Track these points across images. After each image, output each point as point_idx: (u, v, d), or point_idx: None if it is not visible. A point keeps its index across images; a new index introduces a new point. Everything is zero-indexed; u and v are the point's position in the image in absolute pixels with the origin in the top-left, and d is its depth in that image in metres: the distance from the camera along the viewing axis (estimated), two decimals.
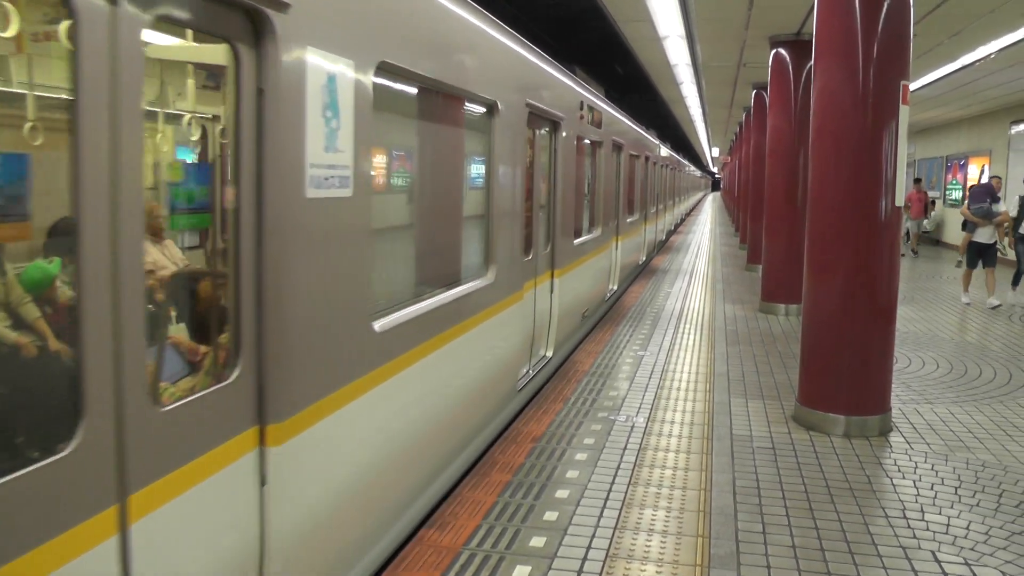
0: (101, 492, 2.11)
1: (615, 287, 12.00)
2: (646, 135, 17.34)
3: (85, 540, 2.09)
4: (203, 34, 2.64)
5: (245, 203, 2.70)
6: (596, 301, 10.23)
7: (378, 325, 3.60)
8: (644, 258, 16.72)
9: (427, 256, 5.09)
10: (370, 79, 3.40)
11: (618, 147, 12.02)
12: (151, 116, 2.50)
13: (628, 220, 13.44)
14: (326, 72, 3.01)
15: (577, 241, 8.65)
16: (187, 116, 2.88)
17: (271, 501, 2.83)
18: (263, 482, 2.81)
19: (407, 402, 4.01)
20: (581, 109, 8.54)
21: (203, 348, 2.87)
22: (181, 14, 2.44)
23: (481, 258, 5.49)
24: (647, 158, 16.75)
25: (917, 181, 21.30)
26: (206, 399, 2.56)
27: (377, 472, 3.71)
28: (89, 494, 2.08)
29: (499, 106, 5.41)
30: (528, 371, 6.72)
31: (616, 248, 12.01)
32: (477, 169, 5.58)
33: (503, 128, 5.54)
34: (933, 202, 21.86)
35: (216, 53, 2.66)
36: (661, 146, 21.62)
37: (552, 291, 7.48)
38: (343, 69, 3.16)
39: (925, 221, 20.77)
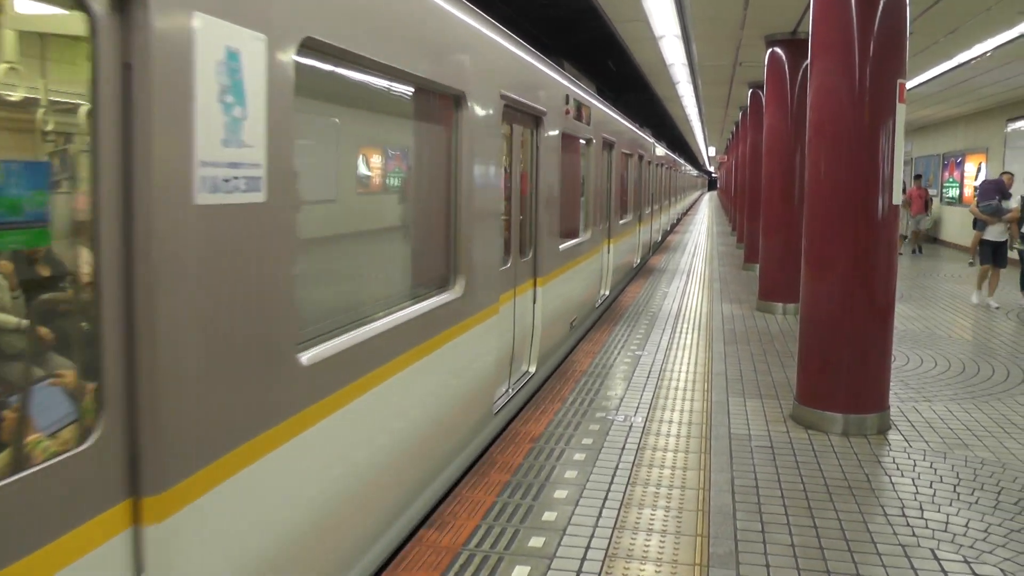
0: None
1: (607, 292, 11.40)
2: (640, 133, 16.67)
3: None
4: None
5: (105, 212, 2.13)
6: (586, 309, 9.60)
7: (306, 357, 2.98)
8: (638, 260, 16.08)
9: (377, 270, 4.43)
10: (291, 58, 2.82)
11: (609, 145, 11.31)
12: None
13: (621, 222, 12.75)
14: (224, 47, 2.46)
15: (563, 246, 8.02)
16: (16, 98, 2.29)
17: None
18: (139, 571, 2.23)
19: (349, 445, 3.40)
20: (567, 104, 7.92)
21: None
22: None
23: (446, 269, 4.85)
24: (641, 157, 15.99)
25: (918, 177, 21.08)
26: (50, 472, 1.97)
27: (306, 534, 3.07)
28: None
29: (467, 97, 4.77)
30: (507, 390, 6.12)
31: (608, 251, 11.38)
32: (440, 169, 4.89)
33: (472, 122, 4.89)
34: (931, 199, 21.72)
35: (66, 18, 2.18)
36: (656, 145, 20.70)
37: (535, 301, 6.86)
38: (251, 44, 2.60)
39: (926, 218, 20.46)
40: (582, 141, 9.34)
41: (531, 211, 6.88)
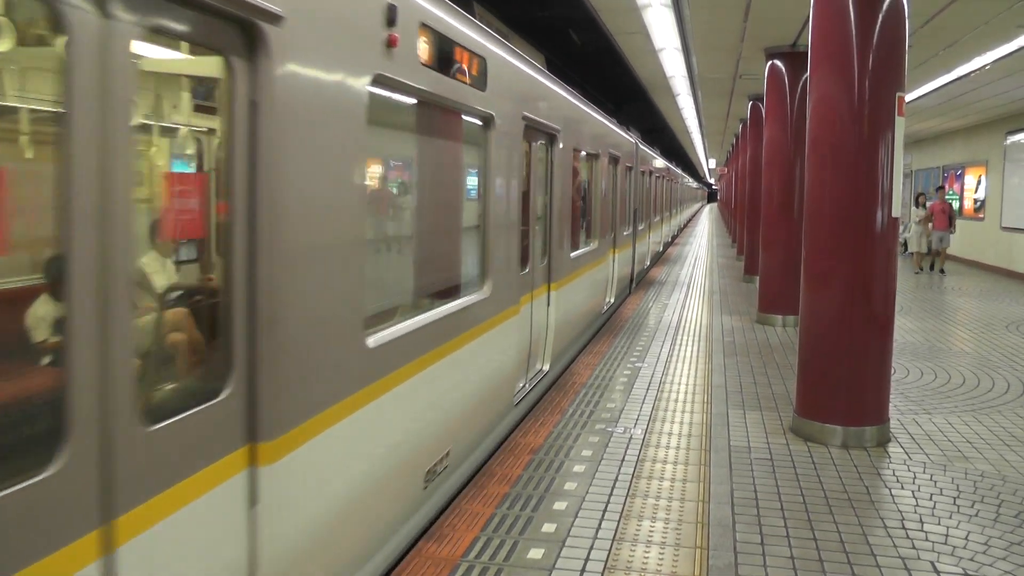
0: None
1: (546, 368, 7.51)
2: (618, 131, 12.60)
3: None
4: None
5: None
6: (486, 414, 5.51)
7: None
8: (612, 299, 12.07)
9: None
10: None
11: (549, 137, 7.35)
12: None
13: (576, 254, 8.62)
14: None
15: (381, 340, 3.69)
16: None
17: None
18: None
19: None
20: (391, 25, 3.66)
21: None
22: None
23: None
24: (616, 160, 11.85)
25: (939, 189, 19.60)
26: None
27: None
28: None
29: None
30: None
31: (548, 303, 7.46)
32: None
33: None
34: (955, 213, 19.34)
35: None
36: (641, 146, 15.99)
37: (340, 445, 3.33)
38: None
39: (950, 235, 18.04)
40: (457, 115, 5.15)
41: (229, 281, 2.77)
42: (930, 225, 17.90)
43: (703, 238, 32.28)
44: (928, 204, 18.28)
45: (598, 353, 8.73)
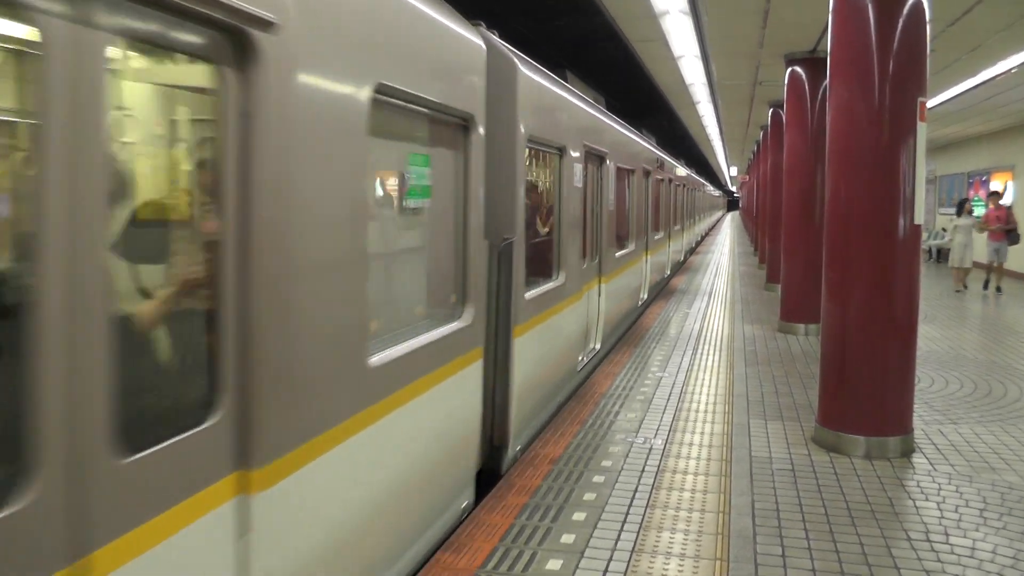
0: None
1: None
2: (598, 115, 8.49)
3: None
4: None
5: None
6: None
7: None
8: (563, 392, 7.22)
9: None
10: None
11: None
12: None
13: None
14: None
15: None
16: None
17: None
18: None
19: None
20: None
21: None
22: None
23: None
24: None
25: (993, 195, 16.59)
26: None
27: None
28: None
29: None
30: None
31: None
32: None
33: None
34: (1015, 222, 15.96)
35: None
36: (628, 134, 11.15)
37: None
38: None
39: (1007, 247, 15.41)
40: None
41: None
42: (985, 235, 15.54)
43: (725, 246, 32.12)
44: (975, 212, 16.07)
45: (619, 363, 8.69)
